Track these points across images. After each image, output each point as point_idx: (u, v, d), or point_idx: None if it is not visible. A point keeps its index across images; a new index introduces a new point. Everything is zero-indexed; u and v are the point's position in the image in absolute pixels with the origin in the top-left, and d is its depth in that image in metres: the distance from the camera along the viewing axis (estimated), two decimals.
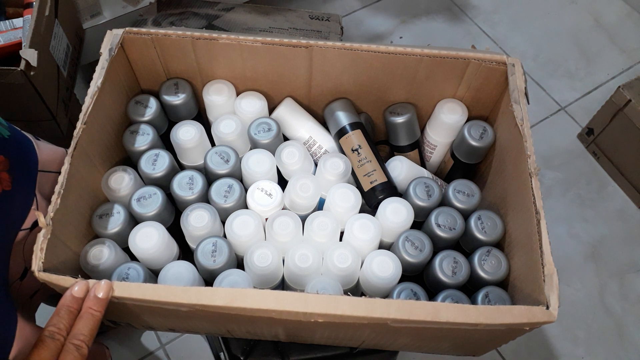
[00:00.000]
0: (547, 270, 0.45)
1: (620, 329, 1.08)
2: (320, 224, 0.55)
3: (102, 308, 0.42)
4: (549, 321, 0.43)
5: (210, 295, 0.42)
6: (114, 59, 0.55)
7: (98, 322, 0.42)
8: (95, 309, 0.42)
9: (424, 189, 0.58)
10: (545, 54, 1.45)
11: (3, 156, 0.52)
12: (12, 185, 0.52)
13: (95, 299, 0.42)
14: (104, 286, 0.42)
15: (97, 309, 0.42)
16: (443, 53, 0.57)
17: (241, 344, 0.68)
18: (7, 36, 0.86)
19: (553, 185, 1.25)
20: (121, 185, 0.56)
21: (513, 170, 0.55)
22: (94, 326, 0.42)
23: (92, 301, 0.42)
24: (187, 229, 0.54)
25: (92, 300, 0.42)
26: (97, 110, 0.52)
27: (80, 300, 0.42)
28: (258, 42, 0.57)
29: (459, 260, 0.54)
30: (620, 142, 1.20)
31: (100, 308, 0.42)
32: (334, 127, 0.63)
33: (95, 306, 0.42)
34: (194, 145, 0.59)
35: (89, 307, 0.42)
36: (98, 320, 0.42)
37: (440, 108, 0.63)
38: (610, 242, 1.18)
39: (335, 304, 0.41)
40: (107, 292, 0.42)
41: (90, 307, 0.42)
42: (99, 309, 0.42)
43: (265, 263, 0.53)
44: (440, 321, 0.42)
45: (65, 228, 0.48)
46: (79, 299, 0.42)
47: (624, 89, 1.14)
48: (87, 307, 0.42)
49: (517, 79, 0.56)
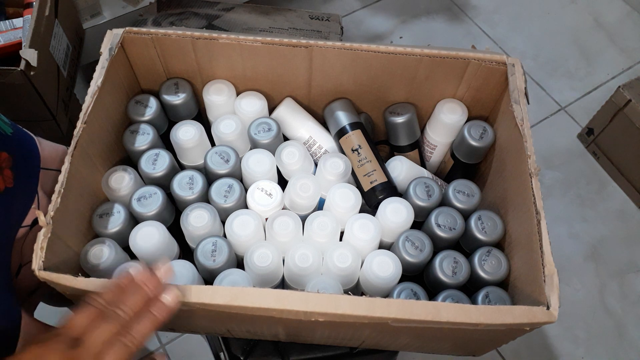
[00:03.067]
0: (547, 270, 0.45)
1: (620, 329, 1.08)
2: (320, 224, 0.55)
3: (167, 314, 0.41)
4: (550, 321, 0.43)
5: (211, 294, 0.42)
6: (114, 59, 0.55)
7: (157, 327, 0.41)
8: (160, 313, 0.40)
9: (424, 189, 0.58)
10: (545, 54, 1.45)
11: (6, 153, 0.52)
12: (15, 182, 0.52)
13: (162, 303, 0.41)
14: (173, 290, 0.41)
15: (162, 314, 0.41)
16: (443, 53, 0.57)
17: (241, 343, 0.68)
18: (7, 36, 0.86)
19: (553, 185, 1.25)
20: (121, 184, 0.56)
21: (513, 170, 0.55)
22: (153, 329, 0.40)
23: (159, 306, 0.41)
24: (187, 229, 0.54)
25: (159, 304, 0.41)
26: (97, 110, 0.52)
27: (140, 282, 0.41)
28: (258, 42, 0.57)
29: (459, 260, 0.54)
30: (620, 142, 1.20)
31: (166, 314, 0.41)
32: (334, 127, 0.63)
33: (161, 311, 0.41)
34: (194, 145, 0.60)
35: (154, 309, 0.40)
36: (159, 325, 0.41)
37: (440, 108, 0.63)
38: (610, 242, 1.18)
39: (335, 303, 0.41)
40: (175, 298, 0.41)
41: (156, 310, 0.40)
42: (163, 314, 0.41)
43: (265, 263, 0.53)
44: (440, 321, 0.42)
45: (66, 227, 0.48)
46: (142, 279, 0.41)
47: (624, 89, 1.14)
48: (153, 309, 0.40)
49: (517, 79, 0.56)
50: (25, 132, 0.58)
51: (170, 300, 0.41)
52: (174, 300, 0.41)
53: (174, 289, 0.41)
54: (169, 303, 0.41)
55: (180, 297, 0.41)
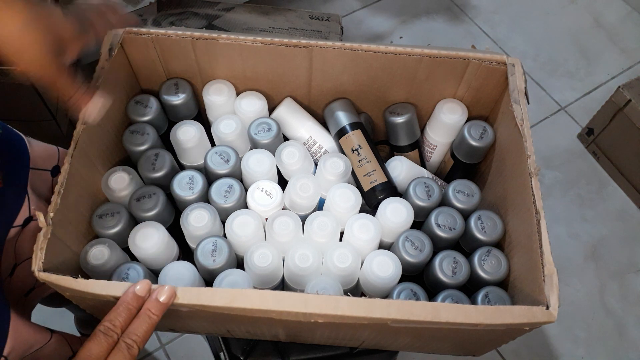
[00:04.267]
0: (547, 270, 0.45)
1: (620, 329, 1.08)
2: (320, 224, 0.55)
3: (160, 312, 0.42)
4: (549, 321, 0.43)
5: (211, 295, 0.42)
6: (114, 59, 0.55)
7: (154, 326, 0.42)
8: (154, 311, 0.41)
9: (424, 189, 0.58)
10: (545, 54, 1.45)
11: None
12: (4, 182, 0.52)
13: (156, 301, 0.41)
14: (167, 290, 0.41)
15: (156, 313, 0.41)
16: (443, 53, 0.57)
17: (241, 344, 0.68)
18: None
19: (553, 185, 1.25)
20: (121, 185, 0.56)
21: (513, 170, 0.55)
22: (149, 329, 0.41)
23: (153, 303, 0.41)
24: (187, 229, 0.54)
25: (152, 302, 0.41)
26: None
27: (142, 300, 0.42)
28: (258, 42, 0.57)
29: (459, 260, 0.54)
30: (620, 142, 1.20)
31: (159, 312, 0.41)
32: (334, 127, 0.63)
33: (154, 309, 0.41)
34: (194, 145, 0.60)
35: (148, 309, 0.41)
36: (154, 323, 0.42)
37: (440, 108, 0.63)
38: (610, 242, 1.18)
39: (335, 304, 0.41)
40: (169, 297, 0.41)
41: (149, 309, 0.41)
42: (157, 313, 0.41)
43: (265, 263, 0.53)
44: (440, 321, 0.42)
45: (65, 228, 0.48)
46: (140, 299, 0.42)
47: (624, 89, 1.14)
48: (147, 309, 0.41)
49: (517, 79, 0.56)
50: (14, 132, 0.57)
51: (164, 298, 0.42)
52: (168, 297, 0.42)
53: (168, 287, 0.42)
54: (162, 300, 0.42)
55: (174, 292, 0.42)
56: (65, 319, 1.00)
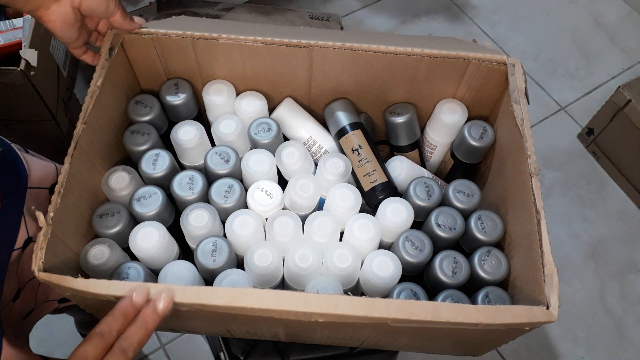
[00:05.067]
0: (547, 270, 0.45)
1: (620, 329, 1.08)
2: (320, 224, 0.55)
3: (157, 321, 0.41)
4: (549, 321, 0.43)
5: (211, 294, 0.42)
6: (114, 59, 0.55)
7: (150, 333, 0.42)
8: (150, 320, 0.41)
9: (424, 189, 0.58)
10: (545, 54, 1.45)
11: None
12: (3, 203, 0.51)
13: (153, 311, 0.41)
14: (165, 298, 0.41)
15: (152, 321, 0.41)
16: (443, 53, 0.57)
17: (241, 344, 0.68)
18: (7, 36, 0.86)
19: (553, 185, 1.25)
20: (121, 185, 0.56)
21: (513, 170, 0.55)
22: (145, 335, 0.41)
23: (150, 312, 0.41)
24: (187, 229, 0.54)
25: (150, 310, 0.41)
26: (97, 110, 0.52)
27: (139, 306, 0.41)
28: (258, 42, 0.57)
29: (459, 260, 0.54)
30: (620, 142, 1.20)
31: (156, 321, 0.41)
32: (334, 127, 0.63)
33: (151, 318, 0.41)
34: (194, 145, 0.60)
35: (144, 317, 0.41)
36: (150, 330, 0.41)
37: (440, 108, 0.63)
38: (610, 242, 1.18)
39: (335, 304, 0.41)
40: (167, 305, 0.41)
41: (146, 317, 0.41)
42: (153, 322, 0.41)
43: (265, 263, 0.53)
44: (440, 321, 0.42)
45: (65, 228, 0.48)
46: (138, 304, 0.41)
47: (624, 89, 1.14)
48: (144, 314, 0.41)
49: (517, 79, 0.56)
50: (13, 149, 0.56)
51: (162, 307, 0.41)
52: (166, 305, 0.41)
53: (165, 295, 0.42)
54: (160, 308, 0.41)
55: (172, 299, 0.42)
56: (65, 321, 1.00)
